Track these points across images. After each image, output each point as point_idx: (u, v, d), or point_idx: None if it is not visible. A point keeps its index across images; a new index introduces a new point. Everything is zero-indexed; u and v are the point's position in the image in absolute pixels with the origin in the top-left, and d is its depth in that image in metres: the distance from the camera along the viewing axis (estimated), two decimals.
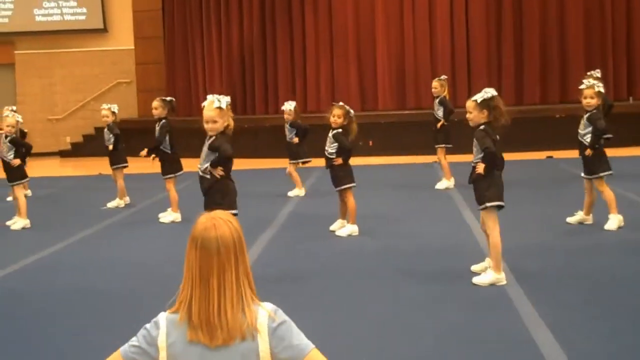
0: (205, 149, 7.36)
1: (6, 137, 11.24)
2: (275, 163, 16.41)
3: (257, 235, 9.63)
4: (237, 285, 2.69)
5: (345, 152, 9.59)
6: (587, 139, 9.27)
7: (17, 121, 11.30)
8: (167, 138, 11.20)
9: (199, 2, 23.04)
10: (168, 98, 11.70)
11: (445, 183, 13.32)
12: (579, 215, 9.66)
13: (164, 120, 11.26)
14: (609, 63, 20.39)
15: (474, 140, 7.20)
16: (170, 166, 11.26)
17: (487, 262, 7.40)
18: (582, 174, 9.45)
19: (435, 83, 13.57)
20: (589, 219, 9.61)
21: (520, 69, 21.10)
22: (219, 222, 2.71)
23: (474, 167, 7.20)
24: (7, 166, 11.25)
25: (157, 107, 11.31)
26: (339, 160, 9.58)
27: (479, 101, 7.15)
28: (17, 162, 11.10)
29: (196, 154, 7.58)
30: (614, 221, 9.33)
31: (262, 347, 2.68)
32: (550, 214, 10.36)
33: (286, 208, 11.99)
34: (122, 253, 9.30)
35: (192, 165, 7.61)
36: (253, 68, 22.48)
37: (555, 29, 21.15)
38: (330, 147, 9.67)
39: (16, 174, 11.23)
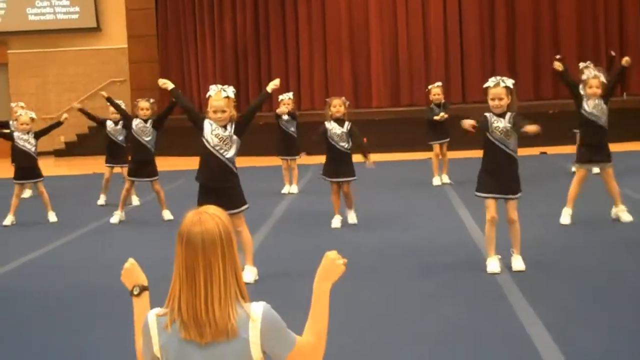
0: (225, 135, 7.22)
1: (27, 133, 11.48)
2: (270, 161, 16.41)
3: (253, 233, 9.63)
4: (225, 282, 2.65)
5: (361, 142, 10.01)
6: (606, 122, 9.38)
7: (31, 118, 11.53)
8: (155, 138, 11.20)
9: (192, 0, 23.02)
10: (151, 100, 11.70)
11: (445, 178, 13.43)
12: (615, 210, 9.60)
13: (152, 120, 11.23)
14: (602, 59, 20.39)
15: (506, 126, 7.28)
16: (155, 167, 11.25)
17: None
18: (596, 164, 9.44)
19: (438, 90, 13.46)
20: (622, 210, 9.55)
21: (514, 65, 21.13)
22: (205, 217, 2.69)
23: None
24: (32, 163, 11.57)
25: (149, 108, 11.27)
26: (371, 161, 9.84)
27: (511, 86, 7.29)
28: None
29: (190, 152, 7.49)
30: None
31: (253, 344, 2.68)
32: (544, 210, 10.39)
33: (282, 205, 12.00)
34: (118, 252, 9.29)
35: (187, 164, 7.58)
36: (247, 66, 22.48)
37: (548, 24, 21.20)
38: (342, 141, 9.79)
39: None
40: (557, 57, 12.58)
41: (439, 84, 13.80)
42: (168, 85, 7.68)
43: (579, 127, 9.93)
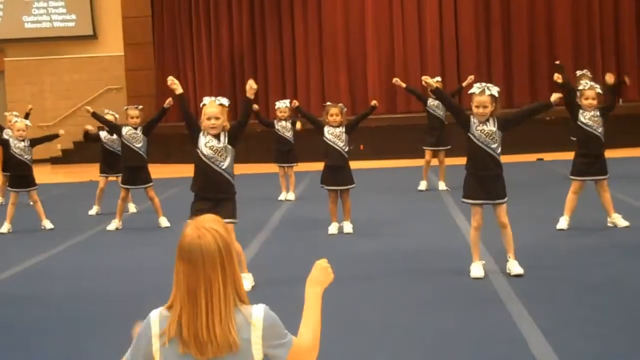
0: (219, 146, 7.25)
1: (23, 140, 11.45)
2: (267, 168, 16.41)
3: (250, 240, 9.64)
4: (225, 297, 2.68)
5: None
6: (602, 133, 9.45)
7: (26, 125, 11.54)
8: (146, 145, 11.20)
9: (189, 8, 23.05)
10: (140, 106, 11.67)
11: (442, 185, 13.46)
12: (610, 219, 9.64)
13: (142, 127, 11.20)
14: (597, 65, 20.46)
15: (491, 129, 7.35)
16: (148, 173, 11.24)
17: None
18: (592, 177, 9.47)
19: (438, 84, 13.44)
20: (617, 217, 9.59)
21: (510, 71, 21.19)
22: (203, 232, 2.70)
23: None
24: (27, 171, 11.49)
25: (139, 116, 11.26)
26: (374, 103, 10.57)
27: (496, 94, 7.33)
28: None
29: (186, 160, 7.53)
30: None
31: (255, 345, 2.70)
32: (541, 215, 10.40)
33: (278, 212, 12.00)
34: (115, 259, 9.30)
35: (183, 172, 7.59)
36: (243, 73, 22.47)
37: (543, 30, 21.25)
38: (340, 141, 9.82)
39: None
40: (557, 62, 12.58)
41: (438, 78, 13.68)
42: (177, 88, 7.69)
43: (575, 137, 9.95)
